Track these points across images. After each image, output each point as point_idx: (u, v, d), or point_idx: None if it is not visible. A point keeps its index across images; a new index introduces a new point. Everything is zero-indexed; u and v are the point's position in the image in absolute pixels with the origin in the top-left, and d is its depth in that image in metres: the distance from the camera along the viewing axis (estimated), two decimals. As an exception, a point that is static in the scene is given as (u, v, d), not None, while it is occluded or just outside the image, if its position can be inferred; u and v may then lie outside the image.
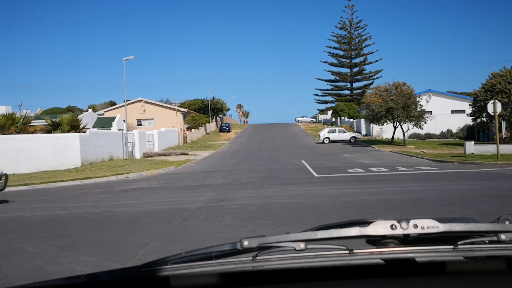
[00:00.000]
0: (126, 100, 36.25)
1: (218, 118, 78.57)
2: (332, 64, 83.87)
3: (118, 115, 36.90)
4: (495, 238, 1.11)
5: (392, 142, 41.05)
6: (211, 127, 68.54)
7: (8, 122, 26.43)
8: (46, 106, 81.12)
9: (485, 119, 36.04)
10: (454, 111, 49.96)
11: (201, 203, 11.40)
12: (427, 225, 1.06)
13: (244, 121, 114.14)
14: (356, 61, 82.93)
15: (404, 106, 38.00)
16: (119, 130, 31.74)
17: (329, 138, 45.78)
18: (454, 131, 48.61)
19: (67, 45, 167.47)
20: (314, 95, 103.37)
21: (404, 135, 39.49)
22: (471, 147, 27.97)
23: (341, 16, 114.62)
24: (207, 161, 30.21)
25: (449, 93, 58.05)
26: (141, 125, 56.60)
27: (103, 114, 56.38)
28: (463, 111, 44.94)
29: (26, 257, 6.44)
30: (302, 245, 1.03)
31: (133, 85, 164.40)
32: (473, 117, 36.37)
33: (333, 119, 73.83)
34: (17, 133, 25.33)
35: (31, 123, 29.33)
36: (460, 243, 1.09)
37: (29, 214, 10.74)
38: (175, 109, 62.19)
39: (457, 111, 49.29)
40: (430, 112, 45.04)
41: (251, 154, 34.52)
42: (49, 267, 5.82)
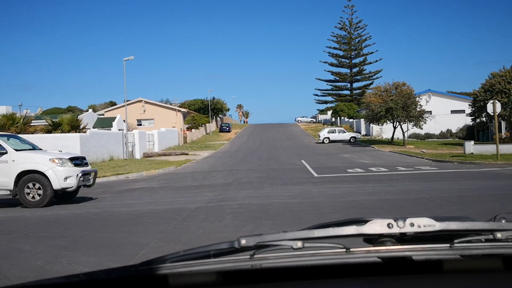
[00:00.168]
0: (126, 100, 36.27)
1: (218, 118, 78.58)
2: (332, 64, 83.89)
3: (118, 115, 36.87)
4: (491, 236, 1.11)
5: (391, 142, 41.05)
6: (211, 127, 68.53)
7: (8, 122, 26.45)
8: (46, 106, 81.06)
9: (484, 119, 36.05)
10: (453, 111, 49.95)
11: (201, 203, 11.41)
12: (424, 224, 1.06)
13: (244, 121, 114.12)
14: (356, 61, 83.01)
15: (403, 106, 38.01)
16: (119, 130, 31.74)
17: (329, 138, 45.80)
18: (453, 131, 48.61)
19: (67, 45, 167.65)
20: (314, 95, 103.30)
21: (403, 135, 39.50)
22: (470, 147, 27.98)
23: (341, 16, 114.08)
24: (207, 161, 30.21)
25: (449, 93, 58.04)
26: (141, 125, 56.60)
27: (103, 114, 56.39)
28: (463, 111, 44.95)
29: (26, 257, 6.45)
30: (299, 244, 1.04)
31: (133, 85, 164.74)
32: (473, 117, 36.39)
33: (333, 119, 73.84)
34: (18, 133, 25.33)
35: (32, 123, 29.36)
36: (456, 241, 1.09)
37: (29, 214, 10.75)
38: (175, 109, 62.20)
39: (456, 111, 49.28)
40: (429, 112, 45.08)
41: (251, 154, 34.51)
42: (50, 267, 5.82)
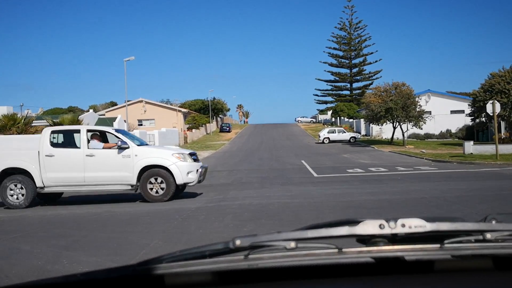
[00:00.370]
0: (127, 100, 36.31)
1: (218, 118, 78.62)
2: (331, 64, 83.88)
3: (119, 116, 36.96)
4: (481, 237, 1.13)
5: (391, 142, 41.07)
6: (212, 127, 68.54)
7: (9, 122, 26.46)
8: (47, 106, 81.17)
9: (484, 119, 36.08)
10: (453, 111, 49.95)
11: (201, 203, 11.43)
12: (415, 225, 1.08)
13: (244, 121, 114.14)
14: (355, 61, 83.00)
15: (403, 106, 38.03)
16: (120, 130, 31.73)
17: (329, 138, 45.83)
18: (453, 131, 48.61)
19: (68, 45, 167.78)
20: (314, 95, 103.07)
21: (403, 135, 39.51)
22: (470, 147, 27.99)
23: (341, 16, 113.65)
24: (207, 161, 30.19)
25: (448, 93, 58.07)
26: (142, 125, 56.64)
27: (104, 114, 56.43)
28: (462, 111, 44.96)
29: (27, 257, 6.48)
30: (293, 244, 1.06)
31: (134, 86, 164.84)
32: (472, 117, 36.42)
33: (333, 119, 73.84)
34: (19, 134, 25.36)
35: (33, 124, 29.33)
36: (446, 242, 1.11)
37: (30, 214, 10.79)
38: (175, 110, 62.26)
39: (456, 111, 49.28)
40: (429, 112, 45.09)
41: (251, 154, 34.53)
42: (50, 267, 5.85)
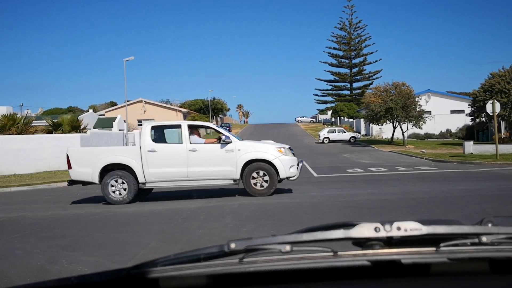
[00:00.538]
0: (126, 100, 36.30)
1: (218, 118, 78.62)
2: (331, 64, 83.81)
3: (118, 116, 36.95)
4: (477, 240, 1.12)
5: (391, 142, 41.07)
6: (211, 127, 68.43)
7: (9, 122, 26.48)
8: (47, 106, 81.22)
9: (484, 119, 36.08)
10: (453, 111, 49.95)
11: (201, 203, 11.43)
12: (410, 228, 1.08)
13: (244, 121, 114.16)
14: (355, 61, 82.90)
15: (403, 106, 38.03)
16: (120, 130, 31.82)
17: (328, 138, 45.83)
18: (453, 131, 48.60)
19: (68, 45, 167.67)
20: (314, 95, 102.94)
21: (403, 135, 39.51)
22: (470, 147, 27.99)
23: (341, 16, 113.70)
24: (207, 161, 30.17)
25: (448, 93, 58.08)
26: (141, 125, 56.47)
27: (103, 114, 56.42)
28: (462, 111, 44.96)
29: (27, 257, 6.48)
30: (288, 248, 1.06)
31: (133, 86, 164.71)
32: (472, 117, 36.42)
33: (333, 119, 73.84)
34: (18, 134, 25.38)
35: (32, 124, 29.36)
36: (442, 245, 1.11)
37: (30, 214, 10.78)
38: (175, 110, 62.26)
39: (456, 111, 49.29)
40: (429, 112, 45.10)
41: (251, 154, 34.46)
42: (50, 267, 5.86)
